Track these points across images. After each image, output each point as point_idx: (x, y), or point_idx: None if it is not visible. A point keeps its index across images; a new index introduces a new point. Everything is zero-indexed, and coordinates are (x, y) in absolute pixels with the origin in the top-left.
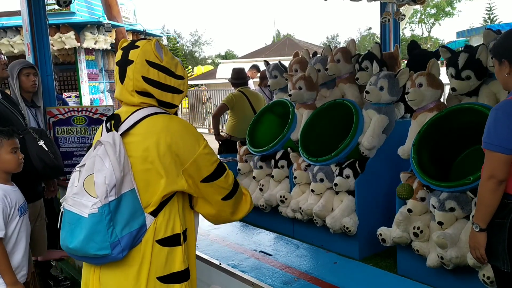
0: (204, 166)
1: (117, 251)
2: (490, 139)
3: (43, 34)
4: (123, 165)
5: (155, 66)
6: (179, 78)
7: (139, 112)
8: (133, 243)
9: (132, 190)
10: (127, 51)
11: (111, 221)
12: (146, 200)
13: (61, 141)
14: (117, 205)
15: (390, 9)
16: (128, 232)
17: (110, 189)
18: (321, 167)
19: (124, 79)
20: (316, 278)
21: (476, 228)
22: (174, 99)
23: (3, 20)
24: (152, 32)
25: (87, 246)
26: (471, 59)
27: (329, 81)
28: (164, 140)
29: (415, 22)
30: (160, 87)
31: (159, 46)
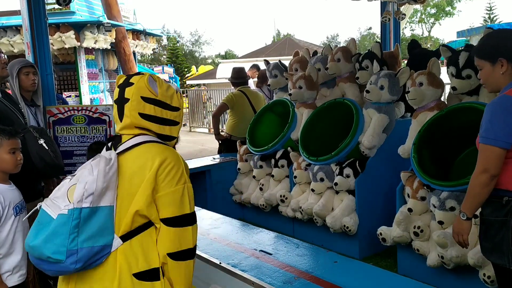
0: (171, 204)
1: (70, 260)
2: (485, 133)
3: (43, 33)
4: (109, 178)
5: (150, 101)
6: (175, 109)
7: (137, 137)
8: (91, 260)
9: (110, 207)
10: (123, 89)
11: (77, 228)
12: (120, 223)
13: (60, 140)
14: (90, 214)
15: (390, 9)
16: (90, 245)
17: (87, 195)
18: (321, 167)
19: (122, 117)
20: (316, 277)
21: (463, 217)
22: (172, 131)
23: (3, 19)
24: (152, 32)
25: (44, 246)
26: (471, 58)
27: (329, 81)
28: (152, 166)
29: (415, 21)
30: (158, 121)
31: (153, 80)
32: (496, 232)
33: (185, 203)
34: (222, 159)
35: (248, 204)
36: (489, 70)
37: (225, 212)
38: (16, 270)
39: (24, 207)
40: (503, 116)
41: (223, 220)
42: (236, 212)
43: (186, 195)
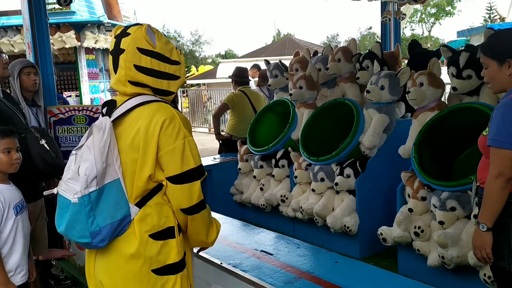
0: (173, 162)
1: (97, 240)
2: (498, 136)
3: (43, 33)
4: (106, 156)
5: (148, 53)
6: (175, 63)
7: (131, 101)
8: (116, 233)
9: (115, 180)
10: (119, 40)
11: (92, 211)
12: (132, 191)
13: (61, 140)
14: (99, 195)
15: (390, 8)
16: (110, 222)
17: (91, 180)
18: (322, 167)
19: (117, 69)
20: (317, 277)
21: (483, 228)
22: (170, 85)
23: (4, 19)
24: None
25: (69, 233)
26: (472, 58)
27: (330, 81)
28: (148, 128)
29: (415, 21)
30: (154, 75)
31: (151, 31)
32: (497, 234)
33: (188, 158)
34: (223, 159)
35: (248, 204)
36: (495, 69)
37: (225, 212)
38: (19, 270)
39: (25, 207)
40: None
41: (224, 220)
42: (236, 212)
43: (188, 150)
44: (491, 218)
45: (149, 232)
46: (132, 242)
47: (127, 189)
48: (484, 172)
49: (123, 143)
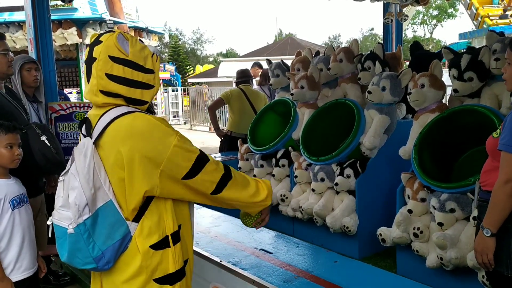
0: (180, 162)
1: (102, 263)
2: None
3: (46, 30)
4: (92, 181)
5: (120, 61)
6: (149, 72)
7: (105, 116)
8: (118, 253)
9: (108, 202)
10: (92, 48)
11: (90, 237)
12: (127, 208)
13: (62, 136)
14: (94, 220)
15: (393, 10)
16: (111, 244)
17: (82, 209)
18: (322, 167)
19: (90, 78)
20: (316, 276)
21: (487, 233)
22: (144, 95)
23: (6, 15)
24: (154, 30)
25: (73, 261)
26: (473, 60)
27: (331, 81)
28: (128, 145)
29: (417, 23)
30: (127, 83)
31: (123, 39)
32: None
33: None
34: (223, 158)
35: None
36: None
37: (225, 210)
38: (18, 266)
39: (25, 201)
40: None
41: (224, 218)
42: (236, 210)
43: (182, 144)
44: (496, 224)
45: (150, 243)
46: (136, 257)
47: (122, 207)
48: (488, 175)
49: (106, 163)
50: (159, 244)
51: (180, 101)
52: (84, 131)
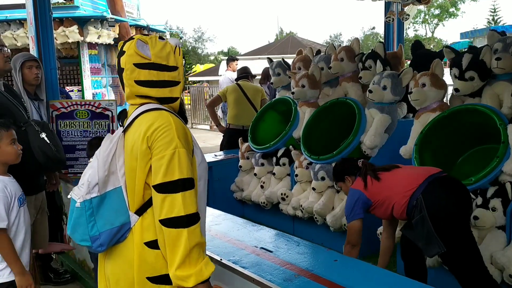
0: (159, 171)
1: (96, 244)
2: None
3: (47, 28)
4: (109, 164)
5: (144, 66)
6: (173, 69)
7: (137, 110)
8: (114, 240)
9: (117, 188)
10: (119, 59)
11: (92, 216)
12: (133, 199)
13: (63, 134)
14: (100, 202)
15: (394, 9)
16: (109, 228)
17: (92, 187)
18: (323, 165)
19: (124, 87)
20: (316, 275)
21: None
22: (173, 92)
23: (7, 13)
24: (156, 28)
25: (73, 235)
26: (475, 60)
27: (332, 80)
28: (145, 136)
29: (418, 22)
30: (154, 85)
31: (142, 43)
32: (420, 229)
33: (174, 169)
34: (224, 156)
35: (248, 202)
36: None
37: (225, 209)
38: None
39: (25, 200)
40: None
41: (224, 217)
42: (236, 209)
43: (176, 160)
44: None
45: (144, 239)
46: (131, 249)
47: (129, 197)
48: None
49: (126, 152)
50: (154, 243)
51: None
52: (120, 121)
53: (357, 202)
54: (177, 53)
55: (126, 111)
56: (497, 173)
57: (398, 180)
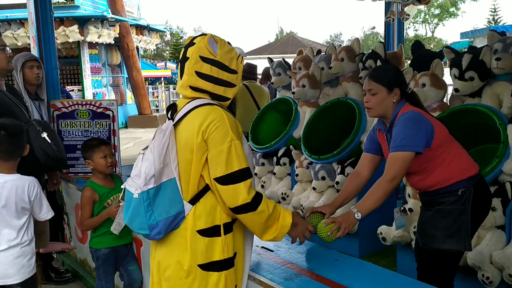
0: (219, 164)
1: (154, 232)
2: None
3: (48, 27)
4: (163, 156)
5: (208, 61)
6: (233, 72)
7: (189, 104)
8: (170, 227)
9: (171, 179)
10: (186, 49)
11: (150, 206)
12: (187, 189)
13: (64, 134)
14: (156, 192)
15: (394, 9)
16: (165, 216)
17: (149, 179)
18: (323, 165)
19: (182, 75)
20: (317, 274)
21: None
22: (226, 92)
23: (7, 12)
24: (156, 27)
25: (131, 224)
26: (474, 60)
27: (333, 80)
28: (200, 127)
29: (419, 22)
30: (213, 81)
31: (213, 41)
32: (454, 219)
33: (233, 161)
34: None
35: None
36: None
37: None
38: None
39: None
40: None
41: None
42: None
43: (233, 153)
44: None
45: (197, 228)
46: (184, 236)
47: (182, 187)
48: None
49: (179, 144)
50: (206, 231)
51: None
52: (169, 114)
53: (422, 129)
54: (239, 61)
55: (176, 105)
56: (497, 173)
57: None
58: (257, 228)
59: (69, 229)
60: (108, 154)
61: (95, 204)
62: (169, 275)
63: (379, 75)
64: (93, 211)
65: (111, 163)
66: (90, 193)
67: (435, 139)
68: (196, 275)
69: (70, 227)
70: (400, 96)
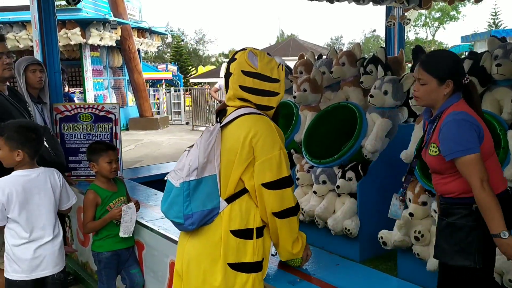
0: (270, 170)
1: (188, 222)
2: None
3: (51, 31)
4: (208, 152)
5: (250, 75)
6: (275, 81)
7: (238, 111)
8: (204, 221)
9: (213, 175)
10: (229, 64)
11: (188, 197)
12: (226, 188)
13: (67, 137)
14: (197, 185)
15: (395, 13)
16: (200, 209)
17: (192, 171)
18: (324, 169)
19: (228, 90)
20: (318, 279)
21: (505, 236)
22: (271, 101)
23: (10, 15)
24: (157, 30)
25: (168, 212)
26: (475, 65)
27: (334, 84)
28: (247, 135)
29: (419, 25)
30: (256, 93)
31: (253, 55)
32: (465, 235)
33: (283, 167)
34: None
35: None
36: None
37: None
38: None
39: None
40: None
41: None
42: None
43: (283, 160)
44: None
45: (231, 227)
46: (217, 232)
47: (222, 185)
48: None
49: (224, 146)
50: (240, 232)
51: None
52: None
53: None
54: (280, 69)
55: (226, 110)
56: None
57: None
58: (291, 236)
59: (71, 232)
60: (114, 160)
61: (98, 207)
62: (198, 268)
63: (431, 65)
64: (95, 214)
65: (115, 168)
66: (93, 196)
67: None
68: (225, 273)
69: (72, 230)
70: (453, 89)
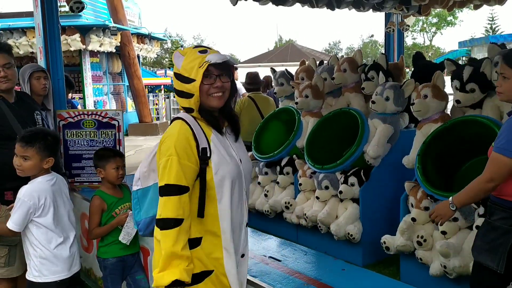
0: (159, 175)
1: (139, 229)
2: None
3: (55, 38)
4: (148, 162)
5: (176, 76)
6: (191, 81)
7: None
8: (149, 228)
9: (155, 184)
10: None
11: (137, 204)
12: None
13: (70, 144)
14: (144, 193)
15: (394, 20)
16: (144, 217)
17: (136, 181)
18: (327, 175)
19: None
20: (325, 284)
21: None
22: (190, 103)
23: (10, 21)
24: (157, 36)
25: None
26: (475, 72)
27: (335, 90)
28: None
29: (417, 30)
30: (179, 94)
31: (179, 55)
32: (497, 236)
33: (164, 175)
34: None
35: (252, 210)
36: None
37: None
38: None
39: None
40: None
41: None
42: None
43: (166, 167)
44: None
45: None
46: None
47: None
48: None
49: None
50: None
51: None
52: None
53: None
54: (203, 67)
55: None
56: None
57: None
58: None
59: None
60: (121, 166)
61: (103, 213)
62: None
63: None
64: (101, 220)
65: (122, 175)
66: (99, 202)
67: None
68: None
69: None
70: None
